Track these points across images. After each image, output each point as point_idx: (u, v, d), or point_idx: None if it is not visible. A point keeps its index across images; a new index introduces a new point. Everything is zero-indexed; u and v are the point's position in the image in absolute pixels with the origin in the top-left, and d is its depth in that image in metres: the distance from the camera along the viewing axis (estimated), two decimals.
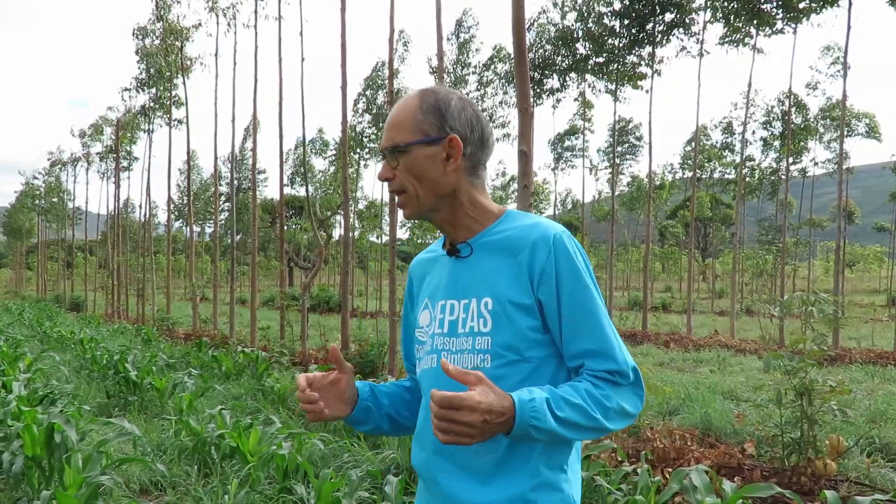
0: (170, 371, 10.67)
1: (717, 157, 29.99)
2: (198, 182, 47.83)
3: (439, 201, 1.61)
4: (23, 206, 53.83)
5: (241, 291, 39.32)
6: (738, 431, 7.04)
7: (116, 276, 31.46)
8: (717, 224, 52.13)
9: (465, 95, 1.65)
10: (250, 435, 5.59)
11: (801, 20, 16.57)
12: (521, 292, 1.54)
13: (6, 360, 10.71)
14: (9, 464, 5.11)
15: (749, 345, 16.66)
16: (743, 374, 11.94)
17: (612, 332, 1.54)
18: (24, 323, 24.44)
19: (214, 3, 18.42)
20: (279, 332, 15.63)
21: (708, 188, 37.48)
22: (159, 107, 24.20)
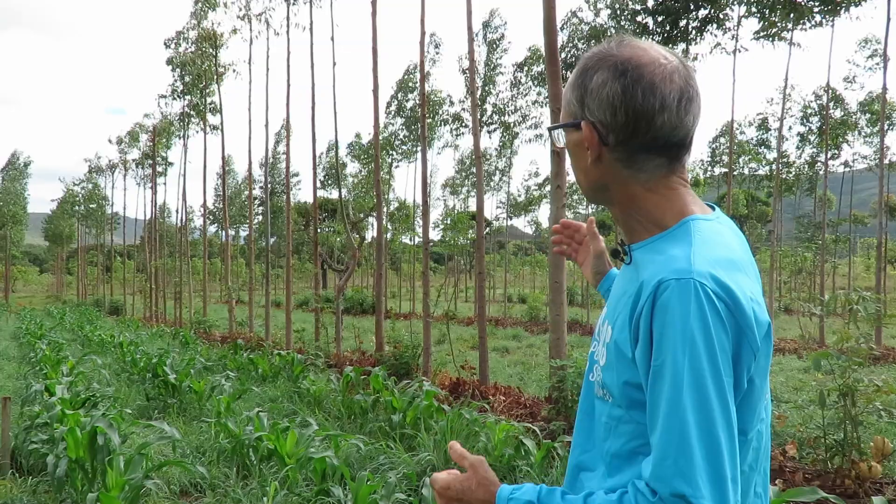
0: (207, 374, 10.81)
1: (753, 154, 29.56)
2: (232, 186, 48.45)
3: (596, 193, 1.33)
4: (63, 212, 54.99)
5: (276, 294, 39.70)
6: (779, 433, 6.92)
7: (154, 279, 31.98)
8: (753, 221, 51.39)
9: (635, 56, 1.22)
10: (288, 437, 5.63)
11: (838, 13, 16.26)
12: (626, 338, 1.19)
13: (49, 363, 10.95)
14: (53, 466, 5.21)
15: (788, 344, 16.39)
16: (782, 374, 11.75)
17: (681, 442, 1.05)
18: (66, 327, 24.93)
19: (248, 10, 18.64)
20: (314, 334, 15.74)
21: (741, 185, 36.96)
22: (195, 113, 24.54)
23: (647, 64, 1.20)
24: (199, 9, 20.96)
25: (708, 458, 1.05)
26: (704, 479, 1.04)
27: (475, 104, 10.31)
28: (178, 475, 5.77)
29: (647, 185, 1.26)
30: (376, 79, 12.23)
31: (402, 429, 6.73)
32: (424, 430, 6.46)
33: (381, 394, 7.68)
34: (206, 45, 21.51)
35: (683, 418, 1.06)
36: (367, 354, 12.54)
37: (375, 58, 12.26)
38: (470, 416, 6.09)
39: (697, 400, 1.06)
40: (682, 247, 1.18)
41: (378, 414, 7.58)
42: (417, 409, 6.87)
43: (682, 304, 1.09)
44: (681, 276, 1.11)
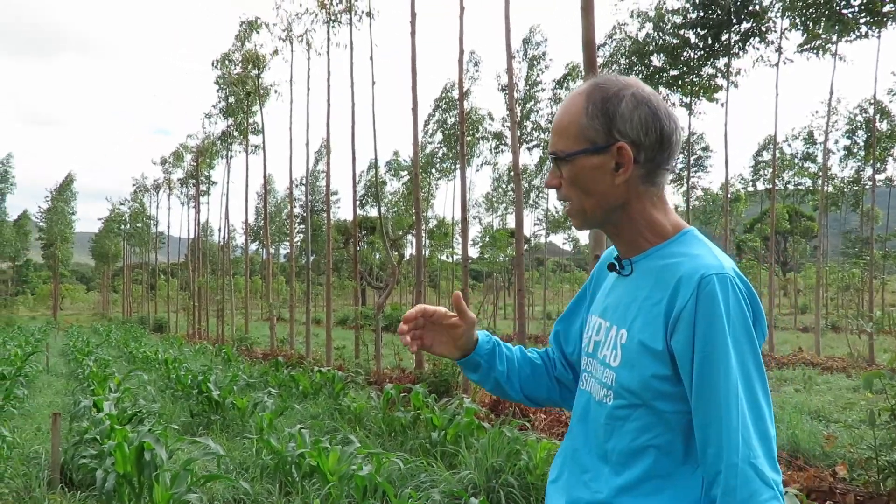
0: (250, 390, 10.92)
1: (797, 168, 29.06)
2: (273, 205, 49.12)
3: (608, 215, 1.42)
4: (109, 231, 56.33)
5: (317, 311, 40.02)
6: (829, 454, 6.75)
7: (197, 297, 32.48)
8: (797, 237, 50.44)
9: (644, 87, 1.39)
10: (330, 454, 5.66)
11: (885, 24, 15.97)
12: (654, 335, 1.33)
13: (96, 379, 11.16)
14: (102, 480, 5.31)
15: (836, 362, 16.00)
16: (830, 393, 11.46)
17: (742, 418, 1.24)
18: (112, 344, 25.44)
19: (289, 32, 18.96)
20: (354, 351, 15.82)
21: (784, 199, 36.35)
22: (238, 133, 24.99)
23: (652, 94, 1.39)
24: (243, 31, 21.39)
25: (757, 423, 1.24)
26: (758, 441, 1.24)
27: (514, 121, 10.33)
28: (222, 491, 5.83)
29: (653, 201, 1.42)
30: (415, 97, 12.33)
31: (442, 446, 6.71)
32: (465, 448, 6.44)
33: (422, 411, 7.68)
34: (250, 67, 21.95)
35: (738, 395, 1.24)
36: (407, 372, 12.56)
37: (414, 76, 12.37)
38: (511, 434, 6.05)
39: (744, 377, 1.25)
40: (702, 249, 1.36)
41: (419, 431, 7.57)
42: (458, 427, 6.85)
43: (724, 295, 1.26)
44: (718, 271, 1.28)
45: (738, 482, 1.21)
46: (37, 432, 8.28)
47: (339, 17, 16.74)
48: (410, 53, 12.39)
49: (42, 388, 13.28)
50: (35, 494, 5.75)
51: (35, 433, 8.24)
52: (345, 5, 16.31)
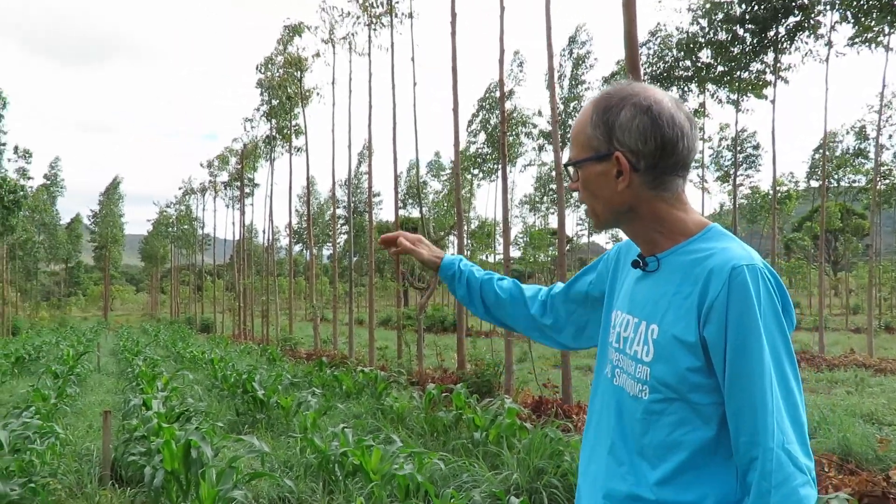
0: (294, 390, 11.04)
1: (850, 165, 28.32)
2: (316, 206, 49.62)
3: (619, 217, 1.49)
4: (157, 233, 57.54)
5: (359, 312, 40.31)
6: (882, 458, 6.56)
7: (242, 298, 32.97)
8: (849, 235, 49.20)
9: (650, 95, 1.42)
10: (372, 453, 5.69)
11: None
12: (686, 327, 1.36)
13: (145, 378, 11.40)
14: (150, 477, 5.42)
15: (890, 364, 15.55)
16: (884, 395, 11.15)
17: (775, 405, 1.27)
18: (160, 344, 25.96)
19: (332, 35, 19.14)
20: (397, 351, 15.89)
21: (837, 197, 35.48)
22: (281, 136, 25.29)
23: (662, 100, 1.42)
24: (286, 34, 21.65)
25: (790, 410, 1.28)
26: (792, 427, 1.28)
27: (555, 120, 10.27)
28: (267, 489, 5.90)
29: (670, 202, 1.46)
30: (456, 98, 12.34)
31: (484, 447, 6.70)
32: (507, 449, 6.42)
33: (464, 411, 7.67)
34: (293, 70, 22.20)
35: (772, 382, 1.28)
36: (449, 372, 12.57)
37: (455, 77, 12.38)
38: (554, 435, 6.01)
39: (777, 365, 1.29)
40: (729, 243, 1.40)
41: (461, 431, 7.57)
42: (500, 428, 6.84)
43: (755, 285, 1.30)
44: (748, 262, 1.32)
45: (774, 466, 1.25)
46: (88, 430, 8.48)
47: (380, 18, 16.85)
48: (451, 54, 12.41)
49: (93, 386, 13.60)
50: (87, 490, 5.89)
51: (87, 430, 8.44)
52: (386, 7, 16.41)
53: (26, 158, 40.18)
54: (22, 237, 41.29)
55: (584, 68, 24.93)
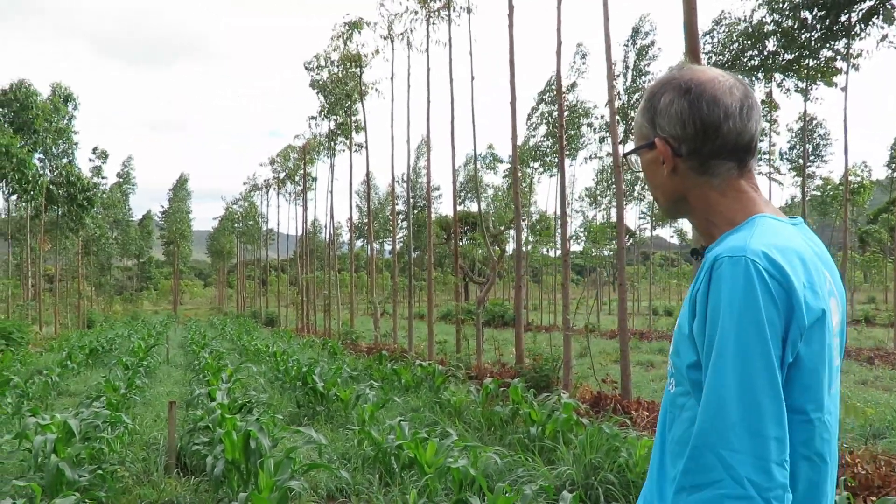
0: (353, 383, 11.19)
1: None
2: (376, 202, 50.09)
3: (675, 205, 1.46)
4: (224, 229, 58.94)
5: (419, 306, 40.57)
6: None
7: (305, 292, 33.53)
8: None
9: (694, 77, 1.38)
10: (427, 447, 5.73)
11: None
12: (685, 319, 1.33)
13: (211, 370, 11.71)
14: (212, 466, 5.57)
15: None
16: None
17: (720, 403, 1.16)
18: (226, 337, 26.62)
19: (390, 31, 19.26)
20: (455, 345, 15.93)
21: None
22: (342, 132, 25.60)
23: (708, 81, 1.36)
24: (346, 31, 21.88)
25: (745, 417, 1.14)
26: (740, 435, 1.13)
27: (613, 112, 10.12)
28: (325, 480, 6.01)
29: (721, 190, 1.39)
30: (514, 91, 12.28)
31: (540, 441, 6.67)
32: (563, 444, 6.38)
33: (520, 406, 7.65)
34: (352, 66, 22.42)
35: (724, 381, 1.17)
36: (508, 366, 12.54)
37: (513, 70, 12.32)
38: (610, 431, 5.95)
39: (740, 364, 1.16)
40: (742, 234, 1.30)
41: (517, 426, 7.56)
42: (556, 423, 6.80)
43: (734, 277, 1.20)
44: (734, 253, 1.23)
45: (695, 466, 1.17)
46: (156, 420, 8.75)
47: (438, 13, 16.87)
48: (508, 47, 12.35)
49: (162, 378, 14.04)
50: (153, 478, 6.10)
51: (154, 420, 8.71)
52: (444, 1, 16.42)
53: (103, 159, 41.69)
54: (96, 233, 42.82)
55: (647, 59, 24.49)
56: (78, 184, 29.20)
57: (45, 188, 27.67)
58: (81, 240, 37.98)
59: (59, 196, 28.99)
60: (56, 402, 10.94)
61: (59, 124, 28.64)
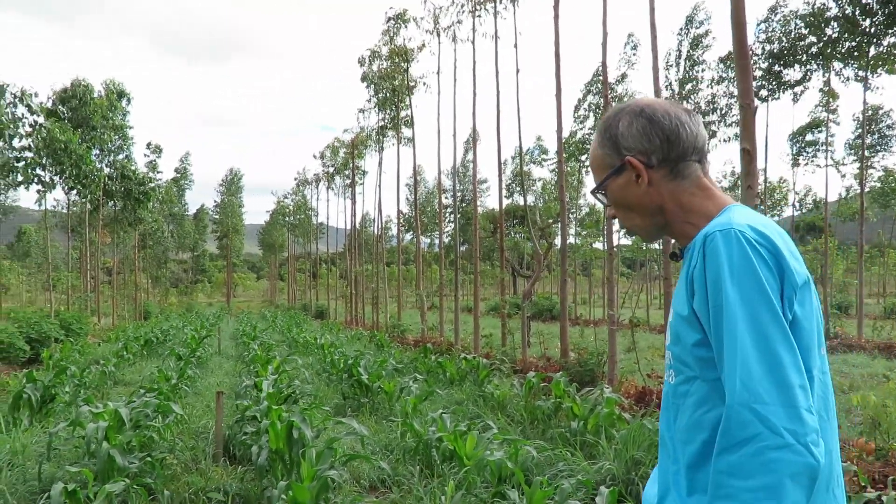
0: (398, 375, 11.28)
1: None
2: (423, 195, 50.23)
3: (657, 218, 1.55)
4: (275, 222, 59.87)
5: (466, 299, 40.62)
6: None
7: (354, 285, 33.87)
8: None
9: (640, 101, 1.54)
10: (467, 439, 5.75)
11: None
12: (681, 302, 1.42)
13: (260, 362, 11.94)
14: (257, 455, 5.70)
15: None
16: None
17: (743, 362, 1.24)
18: (276, 329, 27.04)
19: (436, 25, 19.28)
20: (501, 339, 15.92)
21: None
22: (391, 126, 25.75)
23: (652, 101, 1.54)
24: (392, 26, 21.98)
25: (769, 370, 1.23)
26: (767, 388, 1.21)
27: None
28: (367, 471, 6.09)
29: (691, 190, 1.52)
30: (559, 83, 12.19)
31: (582, 436, 6.65)
32: (605, 439, 6.35)
33: (563, 400, 7.63)
34: (399, 61, 22.52)
35: (741, 341, 1.25)
36: (553, 361, 12.50)
37: (558, 62, 12.23)
38: (653, 426, 5.89)
39: (752, 322, 1.25)
40: (723, 217, 1.42)
41: (559, 420, 7.54)
42: (598, 417, 6.76)
43: (727, 247, 1.31)
44: (723, 227, 1.34)
45: (733, 424, 1.22)
46: (205, 409, 8.96)
47: (484, 5, 16.82)
48: (554, 39, 12.26)
49: (213, 369, 14.36)
50: (201, 466, 6.26)
51: (204, 410, 8.92)
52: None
53: (158, 153, 42.73)
54: (152, 227, 43.91)
55: (701, 48, 24.04)
56: (134, 178, 29.97)
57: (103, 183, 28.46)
58: (138, 233, 38.99)
59: (115, 191, 29.80)
60: (112, 391, 11.28)
61: (115, 121, 29.43)
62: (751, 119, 6.91)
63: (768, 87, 21.30)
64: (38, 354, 15.19)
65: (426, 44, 20.92)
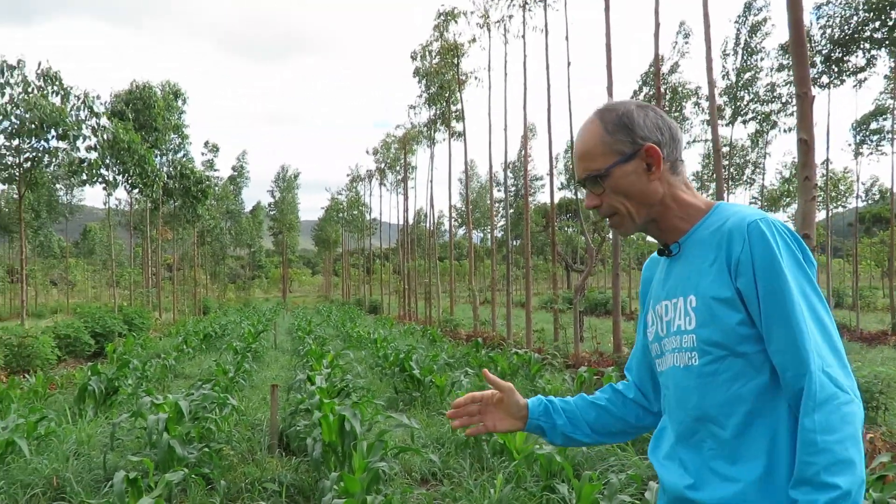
0: (449, 370, 11.33)
1: None
2: (476, 190, 50.24)
3: (651, 211, 1.60)
4: (329, 218, 60.60)
5: (519, 294, 40.50)
6: None
7: (407, 281, 34.10)
8: None
9: (633, 101, 1.62)
10: (517, 434, 5.77)
11: None
12: (721, 286, 1.48)
13: (314, 356, 12.12)
14: (311, 448, 5.81)
15: None
16: None
17: (811, 334, 1.39)
18: (331, 324, 27.41)
19: (486, 19, 19.26)
20: (553, 334, 15.85)
21: None
22: (441, 121, 25.83)
23: (644, 104, 1.62)
24: (442, 22, 22.03)
25: (827, 339, 1.41)
26: (829, 353, 1.39)
27: (713, 95, 9.80)
28: (419, 464, 6.16)
29: (681, 187, 1.61)
30: (610, 76, 12.07)
31: None
32: None
33: None
34: (449, 56, 22.57)
35: (801, 315, 1.39)
36: (605, 355, 12.40)
37: (609, 54, 12.10)
38: None
39: (806, 299, 1.41)
40: (734, 210, 1.53)
41: None
42: None
43: (771, 234, 1.44)
44: (760, 217, 1.46)
45: (817, 388, 1.35)
46: (262, 402, 9.16)
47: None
48: (605, 31, 12.13)
49: (269, 362, 14.64)
50: (256, 457, 6.40)
51: (260, 403, 9.12)
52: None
53: (215, 152, 43.71)
54: (210, 224, 44.92)
55: (759, 36, 23.47)
56: (192, 176, 30.70)
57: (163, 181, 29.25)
58: (197, 230, 39.93)
59: (175, 188, 30.58)
60: (172, 383, 11.61)
61: (173, 121, 30.20)
62: (808, 108, 6.72)
63: (829, 75, 20.65)
64: (102, 348, 15.72)
65: (476, 38, 20.87)
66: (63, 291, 52.80)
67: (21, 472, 5.65)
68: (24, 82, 15.52)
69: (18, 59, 15.25)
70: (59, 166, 18.37)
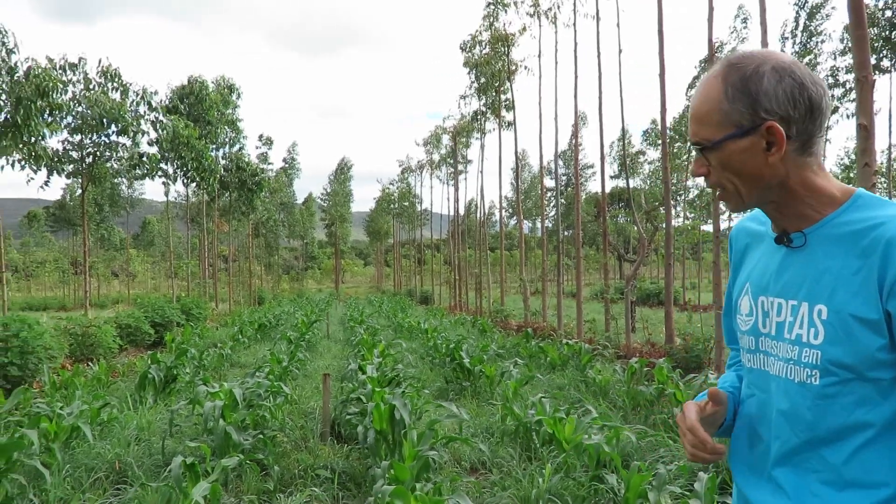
0: (499, 360, 11.36)
1: None
2: (527, 180, 49.98)
3: (766, 193, 1.39)
4: (381, 209, 61.01)
5: (570, 284, 40.24)
6: None
7: (458, 271, 34.17)
8: None
9: (784, 57, 1.35)
10: (566, 424, 5.77)
11: None
12: (865, 304, 1.29)
13: (365, 346, 12.26)
14: (363, 435, 5.92)
15: None
16: None
17: None
18: (382, 314, 27.66)
19: (537, 7, 19.10)
20: (604, 324, 15.73)
21: None
22: (491, 111, 25.76)
23: (793, 63, 1.35)
24: (492, 11, 21.94)
25: None
26: None
27: None
28: (468, 453, 6.21)
29: (813, 169, 1.37)
30: (662, 62, 11.88)
31: None
32: None
33: (666, 386, 7.50)
34: (499, 46, 22.46)
35: None
36: (657, 346, 12.26)
37: (661, 40, 11.91)
38: None
39: None
40: (889, 210, 1.31)
41: (663, 406, 7.43)
42: None
43: None
44: None
45: None
46: (314, 391, 9.33)
47: None
48: (657, 17, 11.95)
49: (322, 352, 14.86)
50: (309, 444, 6.54)
51: (313, 392, 9.29)
52: None
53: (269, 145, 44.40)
54: (264, 216, 45.65)
55: (819, 18, 22.82)
56: (247, 169, 31.25)
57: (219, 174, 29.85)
58: (251, 222, 40.64)
59: (230, 181, 31.17)
60: (228, 372, 11.89)
61: (229, 116, 30.77)
62: (868, 93, 6.54)
63: (890, 58, 19.96)
64: (161, 338, 16.15)
65: (527, 27, 20.72)
66: (124, 282, 54.30)
67: (85, 457, 5.88)
68: (85, 79, 15.99)
69: (80, 56, 15.70)
70: (119, 161, 18.89)
